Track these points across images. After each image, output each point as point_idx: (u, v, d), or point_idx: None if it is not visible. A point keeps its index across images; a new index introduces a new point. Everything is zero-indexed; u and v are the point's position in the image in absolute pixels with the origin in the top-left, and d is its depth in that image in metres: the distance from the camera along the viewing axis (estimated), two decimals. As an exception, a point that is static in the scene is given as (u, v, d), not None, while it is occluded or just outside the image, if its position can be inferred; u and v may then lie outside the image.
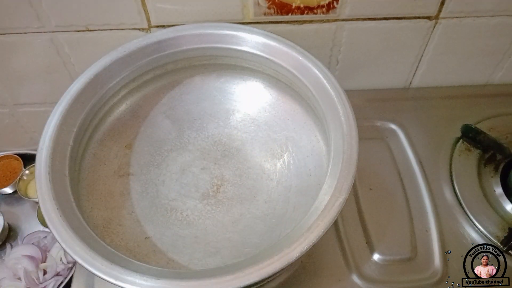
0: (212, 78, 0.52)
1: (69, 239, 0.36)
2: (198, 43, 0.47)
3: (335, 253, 0.50)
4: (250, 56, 0.47)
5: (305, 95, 0.47)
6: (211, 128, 0.51)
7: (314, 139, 0.48)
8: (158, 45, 0.47)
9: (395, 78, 0.65)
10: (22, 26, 0.53)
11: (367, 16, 0.54)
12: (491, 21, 0.56)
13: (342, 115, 0.41)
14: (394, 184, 0.55)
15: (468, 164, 0.57)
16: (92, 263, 0.34)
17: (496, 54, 0.62)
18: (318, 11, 0.53)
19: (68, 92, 0.43)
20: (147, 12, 0.52)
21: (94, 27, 0.53)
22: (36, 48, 0.55)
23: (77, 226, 0.37)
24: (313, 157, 0.47)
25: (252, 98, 0.52)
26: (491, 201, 0.53)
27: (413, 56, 0.61)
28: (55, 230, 0.36)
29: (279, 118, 0.50)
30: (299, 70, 0.45)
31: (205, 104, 0.52)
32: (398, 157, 0.57)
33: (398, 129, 0.60)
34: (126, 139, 0.49)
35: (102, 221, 0.43)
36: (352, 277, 0.48)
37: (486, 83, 0.67)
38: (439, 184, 0.55)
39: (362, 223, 0.52)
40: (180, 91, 0.52)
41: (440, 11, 0.54)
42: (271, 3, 0.51)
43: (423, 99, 0.65)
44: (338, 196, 0.37)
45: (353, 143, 0.40)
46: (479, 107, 0.62)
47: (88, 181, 0.46)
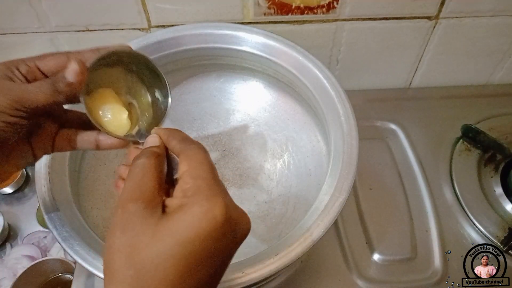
0: (212, 78, 0.52)
1: (69, 239, 0.36)
2: (198, 43, 0.47)
3: (335, 253, 0.50)
4: (250, 56, 0.47)
5: (305, 95, 0.47)
6: (211, 128, 0.51)
7: (314, 139, 0.48)
8: (158, 45, 0.47)
9: (395, 78, 0.65)
10: (22, 26, 0.53)
11: (367, 16, 0.54)
12: (491, 21, 0.56)
13: (342, 115, 0.41)
14: (394, 184, 0.55)
15: (468, 164, 0.57)
16: (92, 263, 0.34)
17: (496, 54, 0.62)
18: (318, 11, 0.53)
19: (68, 92, 0.43)
20: (147, 12, 0.52)
21: (94, 27, 0.53)
22: (36, 48, 0.55)
23: (77, 226, 0.37)
24: (313, 157, 0.47)
25: (252, 98, 0.52)
26: (491, 201, 0.53)
27: (413, 56, 0.61)
28: (55, 230, 0.36)
29: (279, 118, 0.50)
30: (299, 70, 0.45)
31: (205, 104, 0.52)
32: (398, 157, 0.57)
33: (398, 129, 0.60)
34: (126, 139, 0.50)
35: (102, 221, 0.43)
36: (352, 277, 0.48)
37: (486, 83, 0.67)
38: (439, 184, 0.55)
39: (362, 223, 0.52)
40: (180, 91, 0.52)
41: (440, 11, 0.54)
42: (271, 3, 0.51)
43: (423, 99, 0.65)
44: (338, 196, 0.37)
45: (353, 143, 0.40)
46: (479, 107, 0.62)
47: (88, 181, 0.46)
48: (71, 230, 0.36)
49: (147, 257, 0.22)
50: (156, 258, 0.22)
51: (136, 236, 0.22)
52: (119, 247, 0.22)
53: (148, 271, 0.21)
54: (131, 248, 0.22)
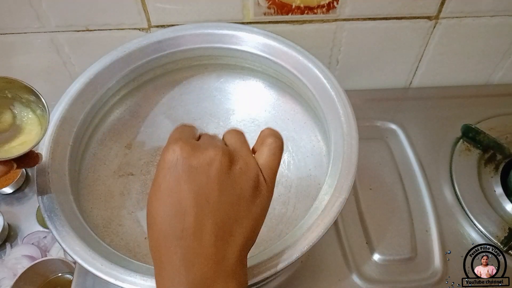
0: (212, 78, 0.52)
1: (69, 239, 0.36)
2: (198, 43, 0.47)
3: (335, 253, 0.50)
4: (250, 56, 0.47)
5: (305, 95, 0.47)
6: (211, 128, 0.51)
7: (314, 139, 0.48)
8: (158, 45, 0.47)
9: (395, 78, 0.65)
10: (22, 26, 0.53)
11: (367, 16, 0.54)
12: (491, 21, 0.56)
13: (342, 115, 0.41)
14: (394, 184, 0.55)
15: (468, 164, 0.57)
16: (92, 263, 0.34)
17: (496, 54, 0.62)
18: (318, 11, 0.53)
19: (68, 92, 0.43)
20: (147, 12, 0.52)
21: (94, 27, 0.53)
22: (36, 48, 0.55)
23: (77, 226, 0.37)
24: (313, 157, 0.47)
25: (252, 98, 0.52)
26: (491, 201, 0.53)
27: (413, 56, 0.61)
28: (55, 230, 0.36)
29: (279, 118, 0.50)
30: (299, 70, 0.45)
31: (205, 104, 0.52)
32: (398, 157, 0.57)
33: (398, 129, 0.60)
34: (126, 139, 0.49)
35: (102, 221, 0.43)
36: (352, 277, 0.48)
37: (486, 83, 0.67)
38: (439, 184, 0.55)
39: (362, 223, 0.52)
40: (180, 91, 0.52)
41: (440, 11, 0.54)
42: (271, 3, 0.51)
43: (423, 99, 0.65)
44: (338, 196, 0.37)
45: (353, 143, 0.40)
46: (479, 107, 0.62)
47: (88, 181, 0.46)
48: (71, 230, 0.36)
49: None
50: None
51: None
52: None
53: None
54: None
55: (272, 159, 0.29)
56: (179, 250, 0.25)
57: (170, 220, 0.25)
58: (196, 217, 0.25)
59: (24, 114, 0.36)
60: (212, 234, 0.25)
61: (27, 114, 0.36)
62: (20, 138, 0.35)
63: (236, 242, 0.26)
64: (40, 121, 0.36)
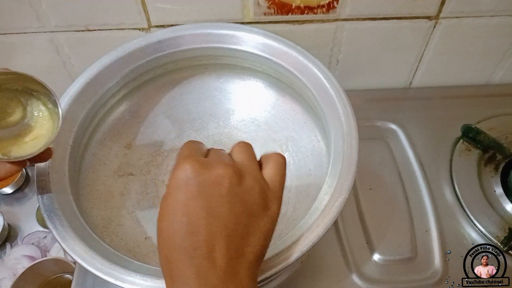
0: (212, 78, 0.52)
1: (69, 239, 0.36)
2: (198, 43, 0.47)
3: (335, 253, 0.50)
4: (250, 56, 0.47)
5: (305, 95, 0.47)
6: (211, 128, 0.51)
7: (314, 139, 0.48)
8: (158, 45, 0.47)
9: (395, 78, 0.65)
10: (22, 26, 0.53)
11: (367, 16, 0.54)
12: (491, 21, 0.56)
13: (342, 115, 0.41)
14: (394, 184, 0.55)
15: (468, 164, 0.57)
16: (92, 263, 0.34)
17: (496, 54, 0.62)
18: (318, 11, 0.53)
19: (68, 92, 0.43)
20: (147, 12, 0.52)
21: (94, 27, 0.53)
22: (36, 48, 0.55)
23: (77, 226, 0.37)
24: (313, 157, 0.47)
25: (252, 98, 0.52)
26: (491, 201, 0.53)
27: (413, 56, 0.61)
28: (55, 230, 0.36)
29: (279, 118, 0.50)
30: (299, 70, 0.45)
31: (205, 104, 0.52)
32: (398, 157, 0.57)
33: (398, 129, 0.60)
34: (126, 139, 0.49)
35: (102, 221, 0.43)
36: (352, 277, 0.48)
37: (486, 83, 0.67)
38: (439, 184, 0.55)
39: (362, 223, 0.52)
40: (180, 91, 0.52)
41: (440, 11, 0.54)
42: (271, 3, 0.51)
43: (423, 99, 0.65)
44: (338, 196, 0.37)
45: (353, 143, 0.40)
46: (479, 107, 0.62)
47: (88, 181, 0.46)
48: (71, 230, 0.36)
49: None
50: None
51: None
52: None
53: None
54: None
55: (279, 174, 0.30)
56: (191, 268, 0.25)
57: (182, 238, 0.26)
58: (207, 236, 0.26)
59: (35, 108, 0.35)
60: (224, 251, 0.26)
61: (38, 107, 0.35)
62: (32, 133, 0.35)
63: (247, 259, 0.27)
64: (51, 116, 0.35)
